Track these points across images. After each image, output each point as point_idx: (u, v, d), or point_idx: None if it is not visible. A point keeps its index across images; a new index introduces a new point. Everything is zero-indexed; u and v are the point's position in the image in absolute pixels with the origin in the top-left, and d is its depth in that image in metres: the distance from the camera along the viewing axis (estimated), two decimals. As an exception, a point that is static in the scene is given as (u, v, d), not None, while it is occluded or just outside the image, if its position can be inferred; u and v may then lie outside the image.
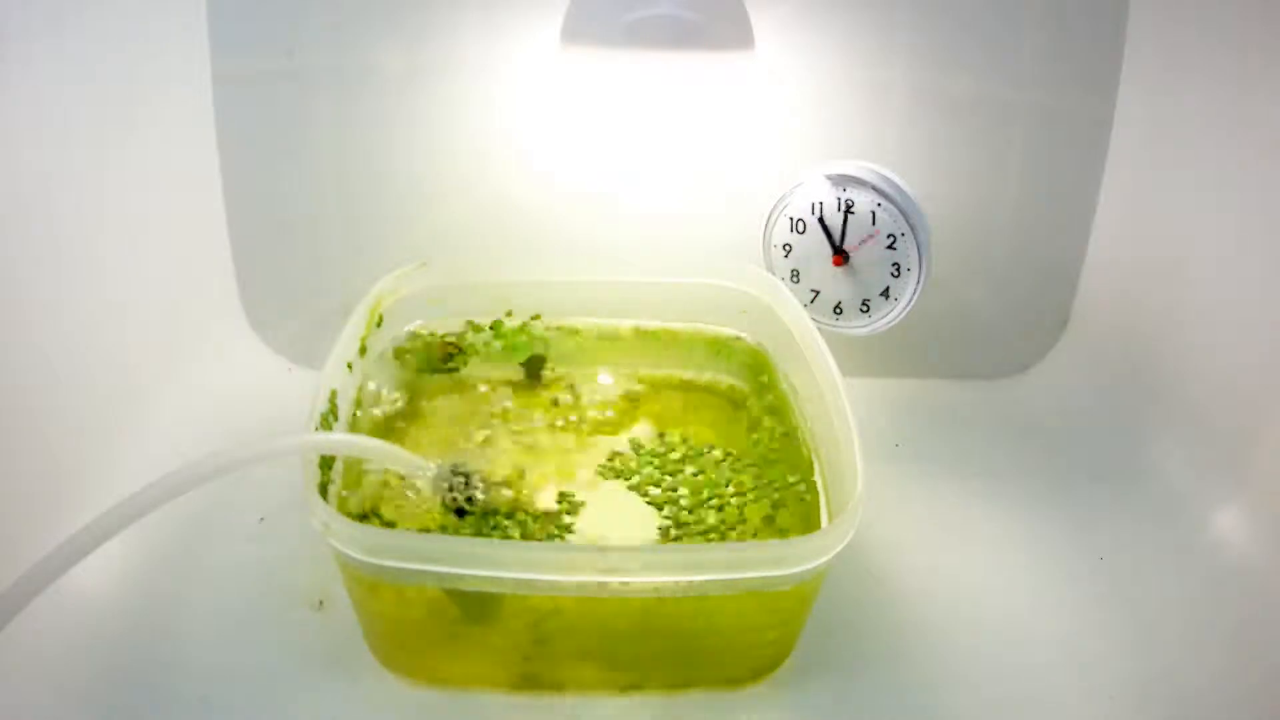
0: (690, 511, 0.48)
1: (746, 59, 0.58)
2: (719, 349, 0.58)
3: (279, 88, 0.60)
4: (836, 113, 0.60)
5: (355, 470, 0.48)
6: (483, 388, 0.56)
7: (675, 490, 0.49)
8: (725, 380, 0.58)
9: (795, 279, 0.58)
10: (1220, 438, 0.54)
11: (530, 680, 0.43)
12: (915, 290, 0.56)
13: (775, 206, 0.57)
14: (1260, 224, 0.53)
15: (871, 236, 0.55)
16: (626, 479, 0.50)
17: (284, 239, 0.63)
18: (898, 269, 0.56)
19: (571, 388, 0.56)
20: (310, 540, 0.45)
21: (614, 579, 0.40)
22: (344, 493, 0.47)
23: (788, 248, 0.58)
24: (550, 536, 0.46)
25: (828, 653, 0.45)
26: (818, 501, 0.48)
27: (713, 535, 0.47)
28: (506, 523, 0.47)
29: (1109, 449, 0.59)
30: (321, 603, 0.47)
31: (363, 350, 0.52)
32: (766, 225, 0.58)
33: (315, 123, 0.61)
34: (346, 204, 0.62)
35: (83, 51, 0.50)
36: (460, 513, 0.46)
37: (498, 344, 0.57)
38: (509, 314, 0.57)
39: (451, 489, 0.47)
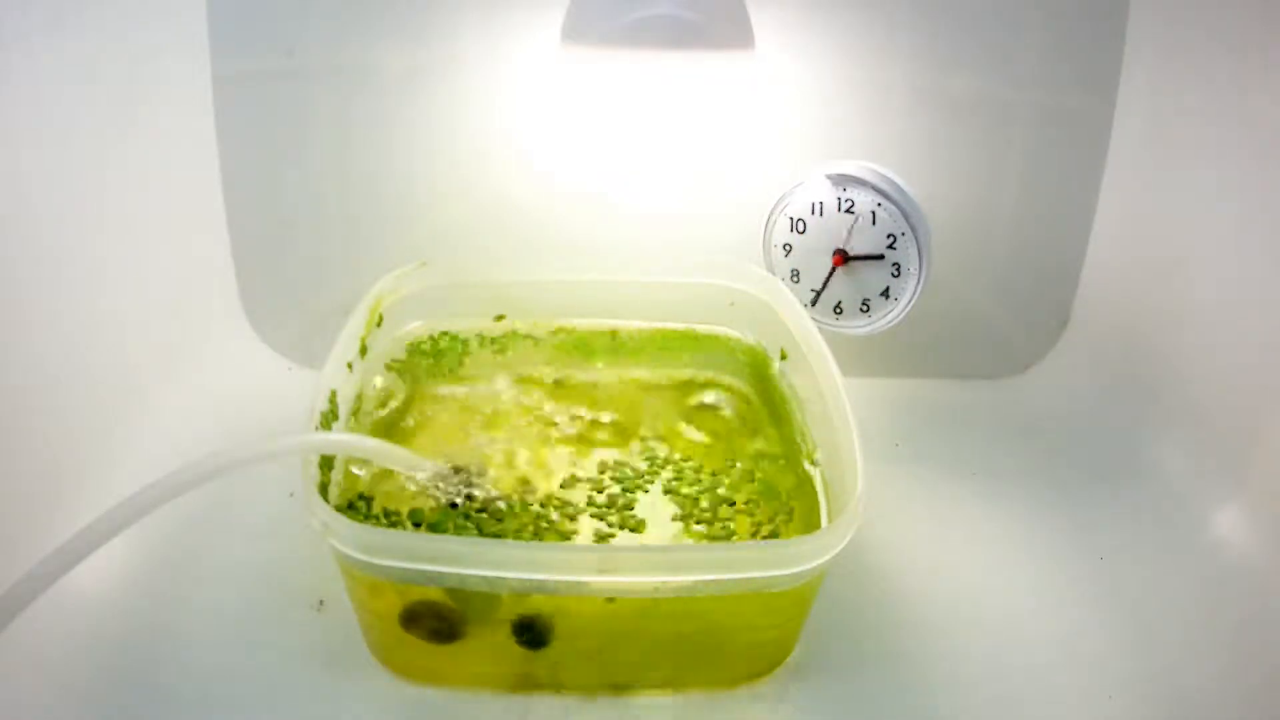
0: (689, 511, 0.48)
1: (746, 59, 0.58)
2: (719, 349, 0.58)
3: (279, 88, 0.60)
4: (836, 113, 0.60)
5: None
6: (481, 387, 0.56)
7: (674, 490, 0.49)
8: (725, 380, 0.58)
9: (795, 279, 0.58)
10: (1220, 438, 0.54)
11: (529, 680, 0.43)
12: (915, 290, 0.56)
13: (775, 206, 0.57)
14: (1260, 224, 0.53)
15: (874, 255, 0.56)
16: (625, 479, 0.50)
17: (284, 239, 0.63)
18: (898, 269, 0.56)
19: (569, 388, 0.56)
20: (310, 540, 0.45)
21: (613, 579, 0.40)
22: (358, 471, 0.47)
23: (788, 248, 0.58)
24: (549, 536, 0.46)
25: (828, 653, 0.45)
26: (818, 501, 0.48)
27: (711, 535, 0.47)
28: (504, 522, 0.47)
29: (1109, 449, 0.59)
30: (322, 603, 0.47)
31: (363, 350, 0.52)
32: (766, 225, 0.58)
33: (315, 123, 0.61)
34: (346, 204, 0.62)
35: (83, 51, 0.50)
36: (455, 508, 0.46)
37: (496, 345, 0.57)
38: (500, 318, 0.57)
39: (450, 489, 0.47)
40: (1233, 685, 0.44)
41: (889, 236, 0.55)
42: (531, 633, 0.41)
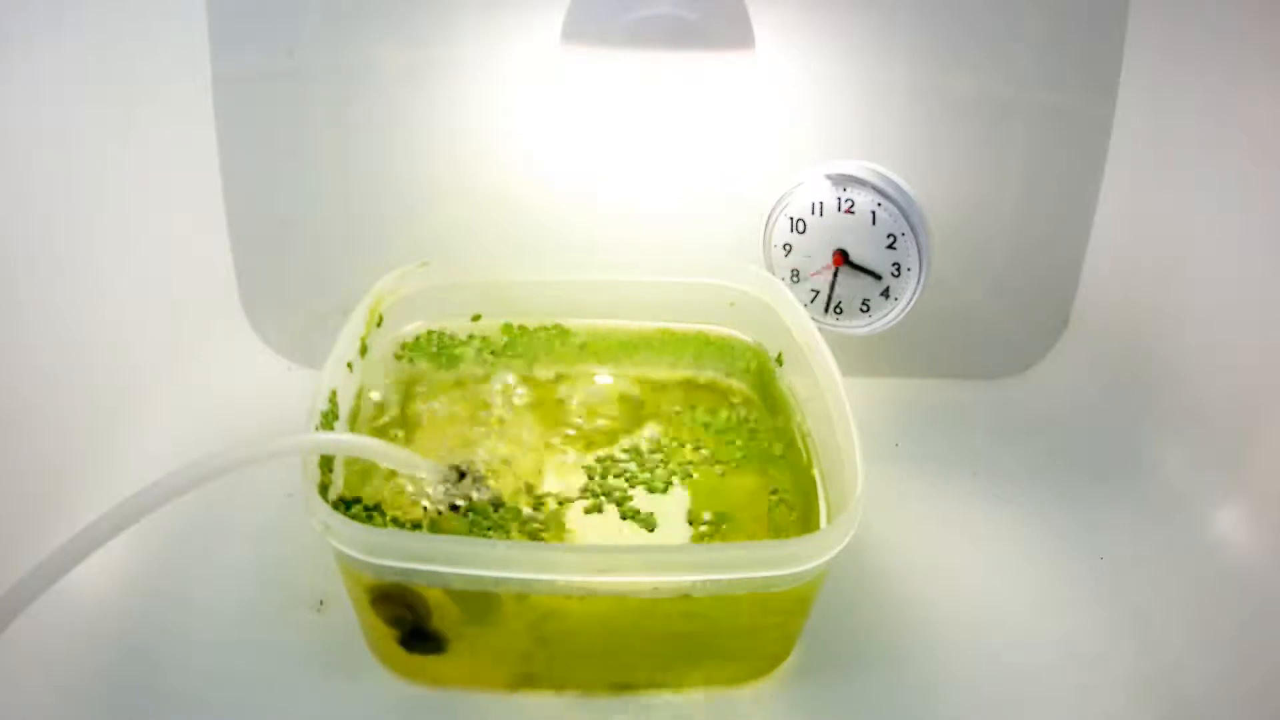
0: (689, 512, 0.48)
1: (746, 59, 0.58)
2: (719, 349, 0.58)
3: (279, 87, 0.60)
4: (836, 113, 0.60)
5: (359, 468, 0.48)
6: (481, 387, 0.56)
7: (674, 490, 0.49)
8: (725, 380, 0.58)
9: (795, 279, 0.58)
10: (1220, 437, 0.54)
11: (530, 680, 0.43)
12: (915, 290, 0.56)
13: (775, 206, 0.57)
14: (1260, 224, 0.53)
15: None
16: (625, 479, 0.50)
17: (284, 239, 0.63)
18: (898, 269, 0.56)
19: (570, 388, 0.56)
20: (310, 540, 0.45)
21: (614, 579, 0.40)
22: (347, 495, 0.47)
23: (788, 248, 0.58)
24: (549, 536, 0.46)
25: (828, 653, 0.45)
26: (817, 501, 0.48)
27: (712, 536, 0.47)
28: (505, 523, 0.47)
29: (1109, 448, 0.59)
30: (322, 603, 0.47)
31: (363, 350, 0.52)
32: (766, 225, 0.58)
33: (315, 123, 0.61)
34: (346, 204, 0.62)
35: (83, 51, 0.50)
36: (456, 509, 0.46)
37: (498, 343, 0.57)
38: (476, 317, 0.57)
39: (450, 489, 0.47)
40: (1233, 685, 0.44)
41: (889, 236, 0.55)
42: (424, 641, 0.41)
